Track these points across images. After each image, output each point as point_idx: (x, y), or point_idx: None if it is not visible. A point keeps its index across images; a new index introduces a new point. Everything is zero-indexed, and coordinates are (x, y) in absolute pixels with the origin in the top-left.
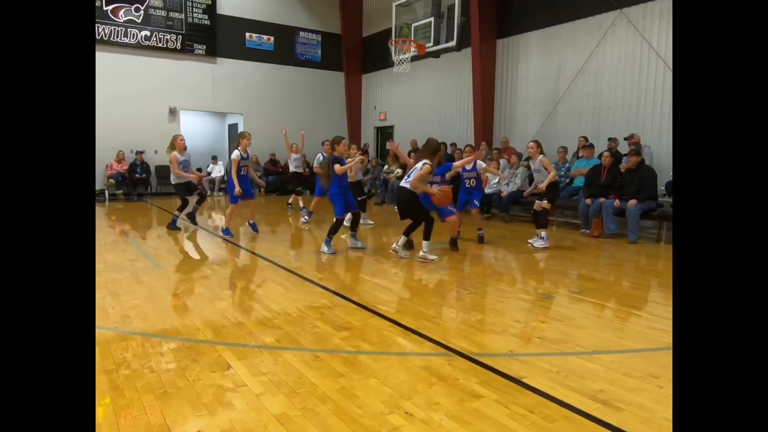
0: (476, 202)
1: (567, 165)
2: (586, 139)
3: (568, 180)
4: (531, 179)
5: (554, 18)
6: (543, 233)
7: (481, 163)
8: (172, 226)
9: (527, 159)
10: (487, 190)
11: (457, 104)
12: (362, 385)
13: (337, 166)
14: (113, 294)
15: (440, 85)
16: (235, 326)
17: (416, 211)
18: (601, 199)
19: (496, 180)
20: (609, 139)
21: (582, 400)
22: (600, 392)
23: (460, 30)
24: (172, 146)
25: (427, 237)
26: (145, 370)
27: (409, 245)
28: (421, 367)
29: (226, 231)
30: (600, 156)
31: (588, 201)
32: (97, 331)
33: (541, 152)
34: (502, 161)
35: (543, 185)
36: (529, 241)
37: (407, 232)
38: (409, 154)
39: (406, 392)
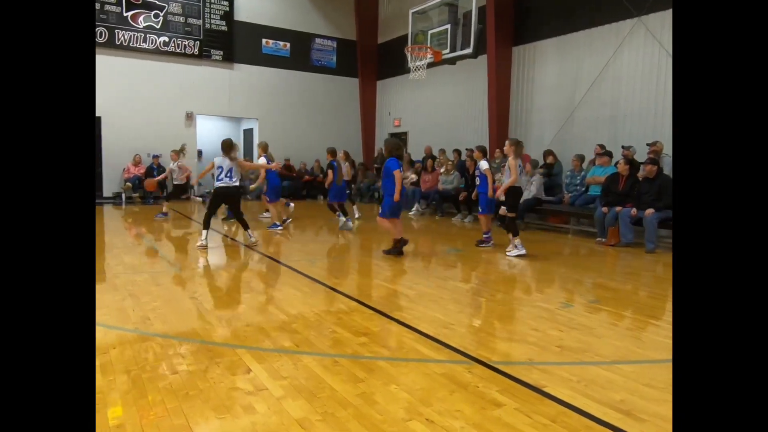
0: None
1: (582, 173)
2: (602, 147)
3: (583, 189)
4: (546, 186)
5: (571, 25)
6: (515, 241)
7: (483, 164)
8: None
9: (542, 166)
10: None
11: (472, 111)
12: (382, 391)
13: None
14: (133, 296)
15: (455, 92)
16: (253, 329)
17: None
18: (618, 208)
19: None
20: (623, 147)
21: (603, 410)
22: (621, 402)
23: (477, 37)
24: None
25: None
26: (167, 372)
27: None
28: (441, 374)
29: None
30: (616, 164)
31: (604, 209)
32: (119, 333)
33: (517, 153)
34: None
35: (499, 192)
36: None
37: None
38: (424, 160)
39: (427, 399)
